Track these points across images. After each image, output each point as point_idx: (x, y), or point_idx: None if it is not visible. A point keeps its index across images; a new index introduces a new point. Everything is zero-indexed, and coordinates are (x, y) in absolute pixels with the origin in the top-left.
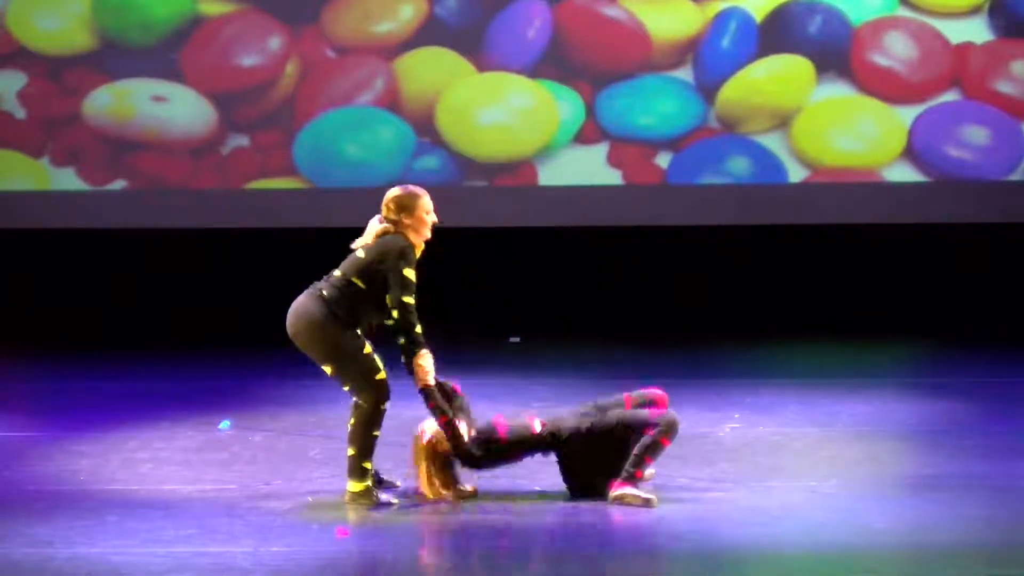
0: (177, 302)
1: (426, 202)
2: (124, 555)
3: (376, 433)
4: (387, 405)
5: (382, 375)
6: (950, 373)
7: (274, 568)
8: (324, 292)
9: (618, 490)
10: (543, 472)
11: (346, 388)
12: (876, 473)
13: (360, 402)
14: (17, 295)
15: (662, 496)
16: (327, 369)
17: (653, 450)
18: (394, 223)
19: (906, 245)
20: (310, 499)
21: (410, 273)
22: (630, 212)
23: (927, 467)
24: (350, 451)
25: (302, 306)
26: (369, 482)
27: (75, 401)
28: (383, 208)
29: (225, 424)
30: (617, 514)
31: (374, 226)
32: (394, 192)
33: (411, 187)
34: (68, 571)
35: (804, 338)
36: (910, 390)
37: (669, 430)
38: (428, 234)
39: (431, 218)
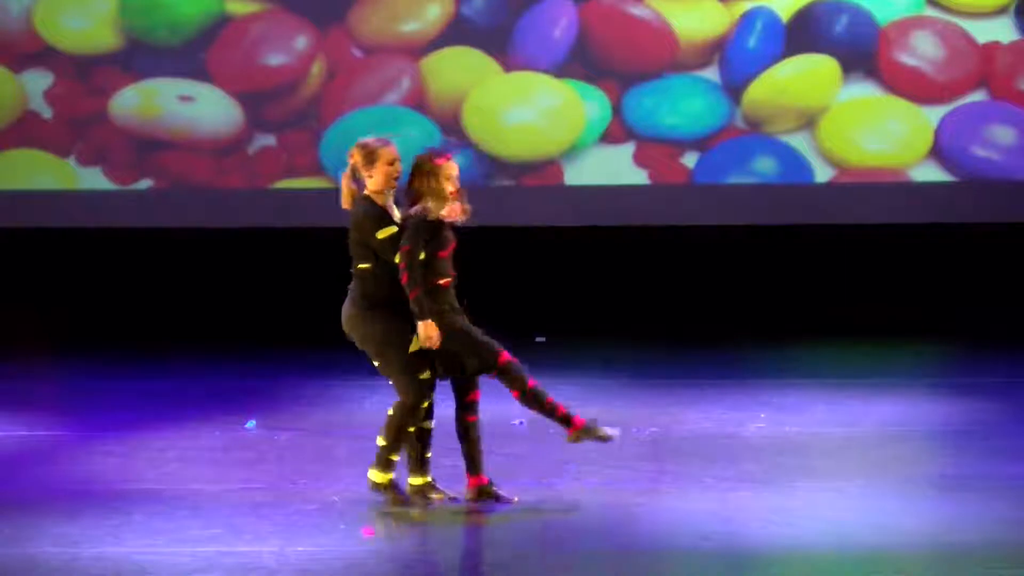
0: (203, 302)
1: (389, 152)
2: (150, 554)
3: (411, 429)
4: (427, 403)
5: (426, 375)
6: (978, 373)
7: (300, 568)
8: (350, 288)
9: None
10: (566, 471)
11: (390, 382)
12: (903, 473)
13: (400, 397)
14: (44, 294)
15: (688, 495)
16: (375, 363)
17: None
18: (357, 171)
19: (933, 245)
20: (336, 499)
21: (384, 234)
22: (656, 212)
23: (955, 468)
24: (380, 441)
25: (343, 309)
26: (392, 475)
27: (101, 401)
28: (349, 156)
29: (251, 423)
30: (644, 513)
31: (346, 181)
32: (362, 140)
33: (381, 137)
34: (94, 570)
35: (830, 338)
36: (938, 391)
37: None
38: (393, 184)
39: (395, 169)
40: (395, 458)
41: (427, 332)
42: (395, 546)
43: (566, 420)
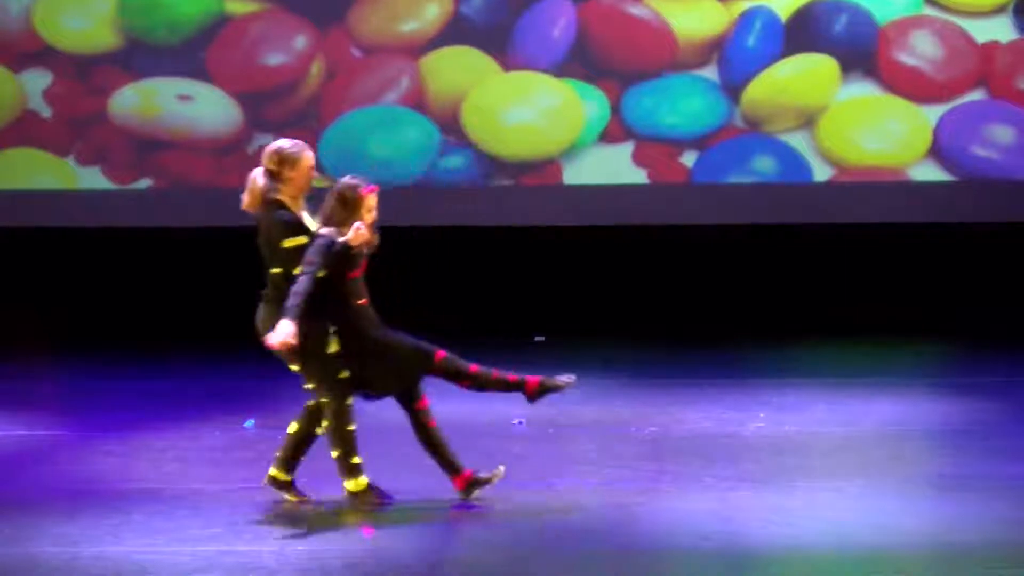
0: (203, 302)
1: (309, 158)
2: (150, 554)
3: (351, 428)
4: (352, 400)
5: (344, 374)
6: (978, 373)
7: (300, 567)
8: (264, 293)
9: None
10: (566, 471)
11: (309, 386)
12: (903, 473)
13: (325, 401)
14: (44, 294)
15: (688, 495)
16: (293, 368)
17: None
18: (274, 175)
19: (933, 245)
20: (337, 499)
21: (291, 243)
22: (655, 211)
23: (955, 468)
24: (334, 453)
25: (258, 313)
26: (366, 479)
27: (101, 401)
28: (264, 159)
29: (250, 423)
30: (644, 513)
31: (256, 184)
32: (278, 143)
33: (297, 141)
34: (94, 570)
35: (830, 338)
36: (938, 390)
37: None
38: (308, 191)
39: (311, 177)
40: (356, 461)
41: (284, 331)
42: (394, 546)
43: (521, 385)
